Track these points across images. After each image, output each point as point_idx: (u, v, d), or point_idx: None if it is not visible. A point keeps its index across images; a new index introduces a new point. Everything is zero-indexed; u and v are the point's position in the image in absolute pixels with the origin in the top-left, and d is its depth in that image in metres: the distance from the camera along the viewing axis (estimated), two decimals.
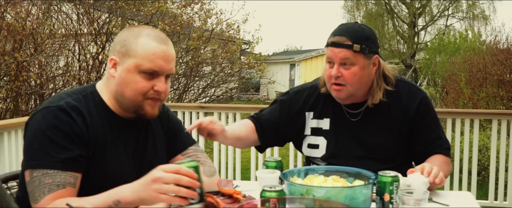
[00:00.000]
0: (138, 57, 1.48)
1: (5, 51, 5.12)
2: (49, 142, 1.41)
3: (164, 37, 1.56)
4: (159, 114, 1.61)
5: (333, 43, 1.90)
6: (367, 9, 28.27)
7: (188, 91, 7.33)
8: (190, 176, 1.27)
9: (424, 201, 1.43)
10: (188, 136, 1.80)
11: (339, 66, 1.90)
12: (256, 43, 9.07)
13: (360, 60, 1.89)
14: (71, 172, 1.41)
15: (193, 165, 1.31)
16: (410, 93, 2.00)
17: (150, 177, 1.28)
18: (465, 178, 4.12)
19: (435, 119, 2.04)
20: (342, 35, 1.89)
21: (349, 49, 1.87)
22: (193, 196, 1.28)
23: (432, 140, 2.00)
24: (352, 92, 1.93)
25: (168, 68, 1.52)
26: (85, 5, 6.33)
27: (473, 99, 7.87)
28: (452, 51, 16.12)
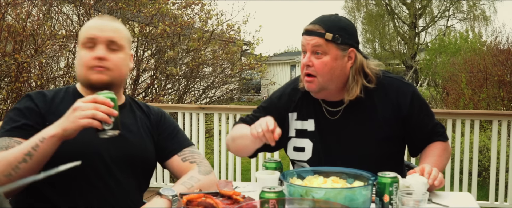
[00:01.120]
0: (81, 36, 1.65)
1: (5, 52, 5.12)
2: (7, 120, 1.63)
3: (107, 17, 1.69)
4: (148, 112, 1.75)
5: (307, 31, 1.87)
6: (367, 10, 28.28)
7: (188, 92, 7.33)
8: (106, 103, 1.44)
9: (423, 202, 1.43)
10: (185, 138, 1.84)
11: (311, 55, 1.86)
12: (257, 44, 9.06)
13: (332, 50, 1.84)
14: (16, 138, 1.56)
15: (109, 96, 1.47)
16: (399, 89, 1.94)
17: (71, 108, 1.44)
18: (466, 178, 4.11)
19: (427, 109, 2.01)
20: (316, 23, 1.86)
21: (321, 37, 1.83)
22: (108, 121, 1.43)
23: (430, 131, 1.98)
24: (322, 85, 1.87)
25: (104, 36, 1.62)
26: (85, 6, 6.33)
27: (473, 100, 7.87)
28: (453, 52, 16.13)
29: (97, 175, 1.61)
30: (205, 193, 1.49)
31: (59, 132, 1.43)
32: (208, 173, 1.73)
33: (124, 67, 1.68)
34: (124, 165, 1.66)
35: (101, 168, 1.61)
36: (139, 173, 1.72)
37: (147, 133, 1.76)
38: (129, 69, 1.74)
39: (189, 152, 1.79)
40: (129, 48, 1.73)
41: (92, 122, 1.41)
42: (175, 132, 1.82)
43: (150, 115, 1.81)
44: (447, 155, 1.99)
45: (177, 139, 1.81)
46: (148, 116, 1.80)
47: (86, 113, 1.41)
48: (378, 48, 29.32)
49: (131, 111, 1.78)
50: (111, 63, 1.63)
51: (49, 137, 1.43)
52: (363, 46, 29.59)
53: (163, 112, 1.86)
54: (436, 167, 1.79)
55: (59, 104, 1.65)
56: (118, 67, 1.65)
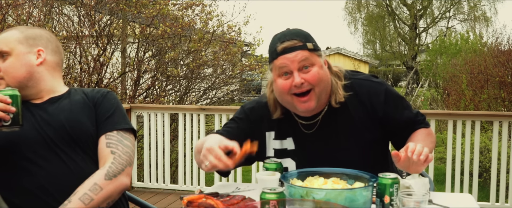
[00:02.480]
0: None
1: None
2: None
3: (8, 28, 1.84)
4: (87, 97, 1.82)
5: (285, 49, 1.73)
6: (368, 11, 28.30)
7: (189, 93, 7.32)
8: (3, 101, 1.53)
9: (424, 203, 1.43)
10: (120, 120, 1.80)
11: (299, 72, 1.73)
12: (257, 45, 9.04)
13: (316, 59, 1.77)
14: None
15: (8, 93, 1.56)
16: (371, 90, 1.87)
17: None
18: (466, 179, 4.11)
19: (403, 102, 1.93)
20: (291, 39, 1.75)
21: (304, 49, 1.73)
22: (6, 118, 1.54)
23: (412, 122, 1.91)
24: (318, 96, 1.78)
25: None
26: (86, 7, 6.33)
27: (474, 101, 7.86)
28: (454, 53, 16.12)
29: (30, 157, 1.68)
30: (206, 194, 1.49)
31: None
32: (118, 173, 1.68)
33: (16, 70, 1.73)
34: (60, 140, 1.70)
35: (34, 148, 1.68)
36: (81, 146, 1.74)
37: (80, 110, 1.78)
38: (33, 64, 1.76)
39: (116, 139, 1.75)
40: (22, 47, 1.76)
41: None
42: (112, 111, 1.80)
43: (89, 96, 1.84)
44: (431, 139, 1.90)
45: (111, 119, 1.78)
46: (87, 96, 1.83)
47: None
48: (378, 49, 29.34)
49: (66, 99, 1.81)
50: (3, 72, 1.73)
51: None
52: (363, 47, 29.61)
53: (107, 93, 1.86)
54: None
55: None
56: (8, 74, 1.73)
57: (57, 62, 1.84)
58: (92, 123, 1.77)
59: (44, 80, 1.78)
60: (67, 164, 1.69)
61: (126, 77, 6.83)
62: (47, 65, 1.80)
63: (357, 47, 26.87)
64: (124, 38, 6.85)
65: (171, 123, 5.27)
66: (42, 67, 1.78)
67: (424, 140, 1.82)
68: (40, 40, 1.80)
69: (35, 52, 1.77)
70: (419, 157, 1.56)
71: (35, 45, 1.78)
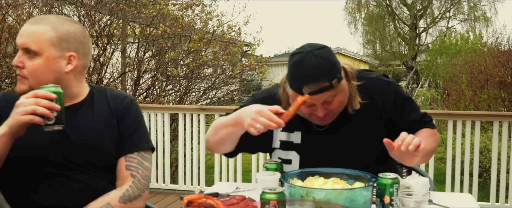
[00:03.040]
0: None
1: (6, 54, 5.13)
2: None
3: (38, 17, 1.61)
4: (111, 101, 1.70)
5: (312, 92, 1.69)
6: (368, 11, 28.30)
7: (189, 93, 7.33)
8: (48, 97, 1.43)
9: (424, 203, 1.43)
10: (141, 138, 1.73)
11: (322, 105, 1.75)
12: (257, 45, 9.05)
13: (339, 87, 1.75)
14: None
15: (52, 90, 1.45)
16: (382, 89, 1.89)
17: (14, 106, 1.43)
18: (467, 179, 4.11)
19: (412, 103, 1.94)
20: (316, 80, 1.67)
21: (330, 89, 1.70)
22: (50, 116, 1.42)
23: (415, 123, 1.92)
24: (337, 114, 1.82)
25: (20, 42, 1.57)
26: (86, 7, 6.33)
27: (474, 101, 7.86)
28: (454, 53, 16.12)
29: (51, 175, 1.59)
30: (206, 194, 1.49)
31: (6, 130, 1.44)
32: (134, 198, 1.64)
33: (43, 75, 1.57)
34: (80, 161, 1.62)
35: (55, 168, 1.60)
36: (101, 166, 1.67)
37: (104, 127, 1.68)
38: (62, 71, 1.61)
39: (137, 162, 1.68)
40: (54, 50, 1.58)
41: (33, 118, 1.41)
42: (134, 127, 1.72)
43: (112, 106, 1.72)
44: (434, 138, 1.89)
45: (132, 137, 1.70)
46: (110, 106, 1.72)
47: (26, 108, 1.41)
48: (378, 49, 29.34)
49: (89, 107, 1.69)
50: (27, 74, 1.58)
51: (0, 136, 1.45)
52: (363, 48, 29.62)
53: (130, 102, 1.76)
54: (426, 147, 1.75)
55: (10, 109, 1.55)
56: (34, 75, 1.57)
57: (85, 65, 1.70)
58: (113, 143, 1.67)
59: (69, 87, 1.64)
60: (84, 182, 1.62)
61: (126, 77, 6.83)
62: (76, 71, 1.65)
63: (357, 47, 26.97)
64: (124, 38, 6.85)
65: (171, 123, 5.27)
66: (70, 73, 1.63)
67: (426, 138, 1.82)
68: (74, 42, 1.62)
69: (66, 57, 1.61)
70: (407, 147, 1.57)
71: (67, 49, 1.61)
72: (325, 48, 1.73)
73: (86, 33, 1.69)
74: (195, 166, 4.65)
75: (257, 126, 1.60)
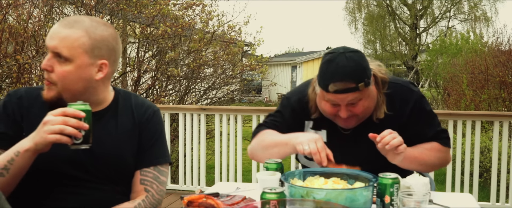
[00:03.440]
0: None
1: (6, 53, 5.13)
2: None
3: (72, 20, 1.52)
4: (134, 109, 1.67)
5: (337, 90, 1.74)
6: (368, 10, 28.29)
7: (189, 93, 7.33)
8: (77, 115, 1.38)
9: (424, 203, 1.43)
10: (159, 153, 1.70)
11: (346, 107, 1.79)
12: (258, 45, 9.06)
13: (365, 92, 1.78)
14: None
15: (82, 108, 1.40)
16: (402, 97, 1.93)
17: (41, 123, 1.39)
18: (467, 179, 4.11)
19: (430, 118, 1.96)
20: (343, 80, 1.73)
21: (356, 91, 1.75)
22: (77, 135, 1.38)
23: (426, 137, 1.94)
24: (361, 119, 1.86)
25: (50, 45, 1.50)
26: (86, 7, 6.33)
27: (475, 101, 7.86)
28: (454, 53, 16.11)
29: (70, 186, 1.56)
30: (206, 194, 1.49)
31: (32, 146, 1.41)
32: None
33: (73, 83, 1.51)
34: (98, 173, 1.59)
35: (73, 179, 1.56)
36: (118, 180, 1.64)
37: (126, 139, 1.65)
38: (92, 79, 1.54)
39: (152, 176, 1.66)
40: (86, 58, 1.51)
41: (60, 138, 1.37)
42: (154, 140, 1.69)
43: (136, 115, 1.68)
44: (437, 154, 1.91)
45: (150, 152, 1.68)
46: (133, 115, 1.68)
47: (54, 127, 1.36)
48: (379, 49, 29.31)
49: (113, 117, 1.64)
50: (55, 78, 1.51)
51: (23, 151, 1.41)
52: (364, 48, 29.61)
53: (153, 113, 1.72)
54: (415, 154, 1.81)
55: (38, 114, 1.52)
56: (63, 81, 1.51)
57: (114, 71, 1.64)
58: (133, 156, 1.65)
59: (97, 94, 1.60)
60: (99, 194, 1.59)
61: (126, 77, 6.83)
62: (105, 78, 1.58)
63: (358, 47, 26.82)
64: (124, 38, 6.85)
65: (172, 122, 5.27)
66: (100, 81, 1.57)
67: (429, 150, 1.87)
68: (106, 49, 1.55)
69: (98, 65, 1.54)
70: (384, 146, 1.67)
71: (100, 56, 1.53)
72: (358, 52, 1.79)
73: (118, 38, 1.62)
74: (196, 166, 4.65)
75: (306, 148, 1.72)
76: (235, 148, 4.50)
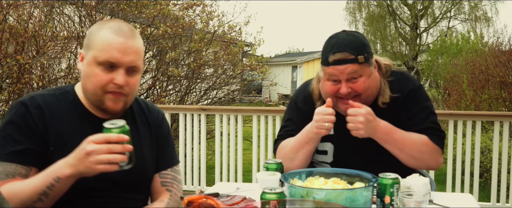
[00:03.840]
0: (96, 49, 1.47)
1: (7, 54, 5.13)
2: (5, 136, 1.47)
3: (127, 30, 1.49)
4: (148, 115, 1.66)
5: (336, 61, 1.80)
6: (369, 11, 28.28)
7: (190, 93, 7.33)
8: (121, 140, 1.32)
9: (424, 203, 1.43)
10: (173, 154, 1.76)
11: (346, 83, 1.83)
12: (258, 45, 9.06)
13: (366, 69, 1.83)
14: (20, 164, 1.44)
15: (121, 130, 1.34)
16: (401, 82, 1.96)
17: (82, 151, 1.33)
18: (467, 180, 4.11)
19: (425, 111, 1.94)
20: (343, 50, 1.79)
21: (355, 63, 1.79)
22: (124, 159, 1.34)
23: (423, 130, 1.92)
24: (364, 101, 1.87)
25: (126, 61, 1.47)
26: (87, 7, 6.34)
27: (475, 101, 7.86)
28: (454, 53, 16.10)
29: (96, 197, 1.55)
30: (206, 194, 1.49)
31: (76, 173, 1.36)
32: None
33: (137, 88, 1.57)
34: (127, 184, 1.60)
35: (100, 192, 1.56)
36: (141, 189, 1.66)
37: (148, 145, 1.67)
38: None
39: (171, 177, 1.71)
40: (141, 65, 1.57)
41: (110, 167, 1.33)
42: (167, 143, 1.74)
43: (151, 122, 1.70)
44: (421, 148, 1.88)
45: (165, 155, 1.72)
46: (148, 122, 1.70)
47: (101, 158, 1.31)
48: (379, 49, 29.29)
49: (132, 122, 1.63)
50: (129, 91, 1.51)
51: (66, 177, 1.37)
52: None
53: (163, 117, 1.76)
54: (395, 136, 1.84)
55: (63, 125, 1.50)
56: (133, 90, 1.54)
57: None
58: (154, 162, 1.68)
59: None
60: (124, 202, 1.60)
61: None
62: None
63: None
64: None
65: (172, 123, 5.27)
66: None
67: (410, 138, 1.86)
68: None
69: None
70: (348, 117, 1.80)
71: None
72: (359, 32, 1.89)
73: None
74: (196, 166, 4.65)
75: (326, 125, 1.81)
76: (235, 148, 4.50)
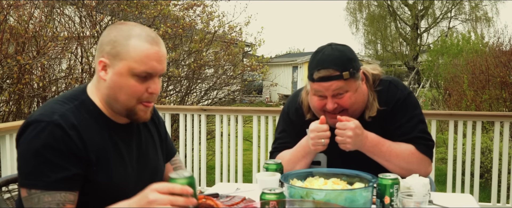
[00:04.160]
0: (130, 60, 1.43)
1: (7, 54, 5.13)
2: (44, 161, 1.35)
3: (155, 36, 1.49)
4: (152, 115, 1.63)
5: (321, 78, 1.79)
6: (369, 11, 28.30)
7: (190, 93, 7.33)
8: (185, 192, 1.26)
9: (424, 204, 1.42)
10: (172, 143, 1.79)
11: (332, 98, 1.82)
12: (259, 46, 9.06)
13: (351, 85, 1.81)
14: (69, 191, 1.38)
15: (187, 181, 1.28)
16: (389, 91, 1.94)
17: (145, 199, 1.28)
18: (468, 180, 4.10)
19: (413, 120, 1.93)
20: (327, 67, 1.77)
21: (340, 80, 1.78)
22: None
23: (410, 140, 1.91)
24: (351, 114, 1.86)
25: (161, 69, 1.47)
26: (87, 7, 6.34)
27: (475, 102, 7.86)
28: (455, 53, 16.10)
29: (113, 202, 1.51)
30: (206, 195, 1.49)
31: None
32: None
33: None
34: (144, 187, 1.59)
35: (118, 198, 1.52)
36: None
37: (159, 144, 1.68)
38: None
39: (179, 161, 1.78)
40: None
41: None
42: (166, 133, 1.76)
43: (154, 118, 1.70)
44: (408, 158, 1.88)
45: (167, 143, 1.74)
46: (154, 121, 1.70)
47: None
48: (380, 50, 29.33)
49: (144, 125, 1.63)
50: (156, 97, 1.52)
51: None
52: (365, 48, 29.62)
53: (156, 110, 1.77)
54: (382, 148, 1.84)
55: (95, 140, 1.45)
56: (156, 97, 1.53)
57: None
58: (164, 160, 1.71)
59: None
60: None
61: None
62: None
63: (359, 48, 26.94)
64: None
65: (172, 123, 5.27)
66: None
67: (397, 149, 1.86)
68: None
69: None
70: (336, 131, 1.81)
71: None
72: (345, 46, 1.86)
73: None
74: (196, 166, 4.65)
75: (322, 141, 1.83)
76: (235, 148, 4.50)
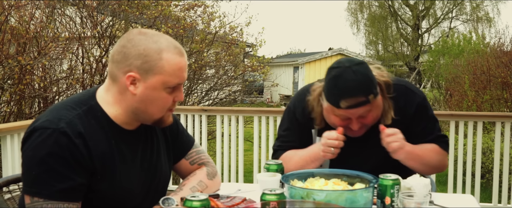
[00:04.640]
0: (166, 75, 1.42)
1: (8, 55, 5.14)
2: (48, 169, 1.33)
3: (179, 45, 1.49)
4: None
5: (349, 106, 1.75)
6: (370, 11, 28.29)
7: (191, 94, 7.33)
8: None
9: (425, 204, 1.42)
10: (187, 136, 1.76)
11: (357, 119, 1.82)
12: (260, 46, 9.07)
13: (375, 103, 1.80)
14: (72, 201, 1.36)
15: (203, 204, 1.29)
16: (407, 97, 1.96)
17: None
18: (469, 180, 4.10)
19: (432, 121, 2.01)
20: (354, 95, 1.74)
21: (366, 105, 1.76)
22: None
23: (431, 140, 1.98)
24: (369, 127, 1.88)
25: (186, 77, 1.51)
26: (88, 8, 6.35)
27: (477, 102, 7.85)
28: (456, 53, 16.11)
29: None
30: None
31: None
32: (215, 175, 1.75)
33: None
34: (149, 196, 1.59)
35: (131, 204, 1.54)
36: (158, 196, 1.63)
37: (164, 149, 1.66)
38: None
39: (196, 153, 1.75)
40: None
41: None
42: (179, 131, 1.72)
43: None
44: (437, 157, 1.96)
45: (180, 140, 1.72)
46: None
47: None
48: (381, 50, 29.30)
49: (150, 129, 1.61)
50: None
51: None
52: (366, 48, 29.60)
53: None
54: (418, 152, 1.86)
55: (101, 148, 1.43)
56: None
57: None
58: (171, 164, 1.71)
59: None
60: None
61: None
62: None
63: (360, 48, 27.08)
64: None
65: None
66: None
67: (429, 150, 1.89)
68: None
69: None
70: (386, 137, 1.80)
71: None
72: (363, 64, 1.79)
73: None
74: None
75: (332, 150, 1.83)
76: (236, 149, 4.49)
